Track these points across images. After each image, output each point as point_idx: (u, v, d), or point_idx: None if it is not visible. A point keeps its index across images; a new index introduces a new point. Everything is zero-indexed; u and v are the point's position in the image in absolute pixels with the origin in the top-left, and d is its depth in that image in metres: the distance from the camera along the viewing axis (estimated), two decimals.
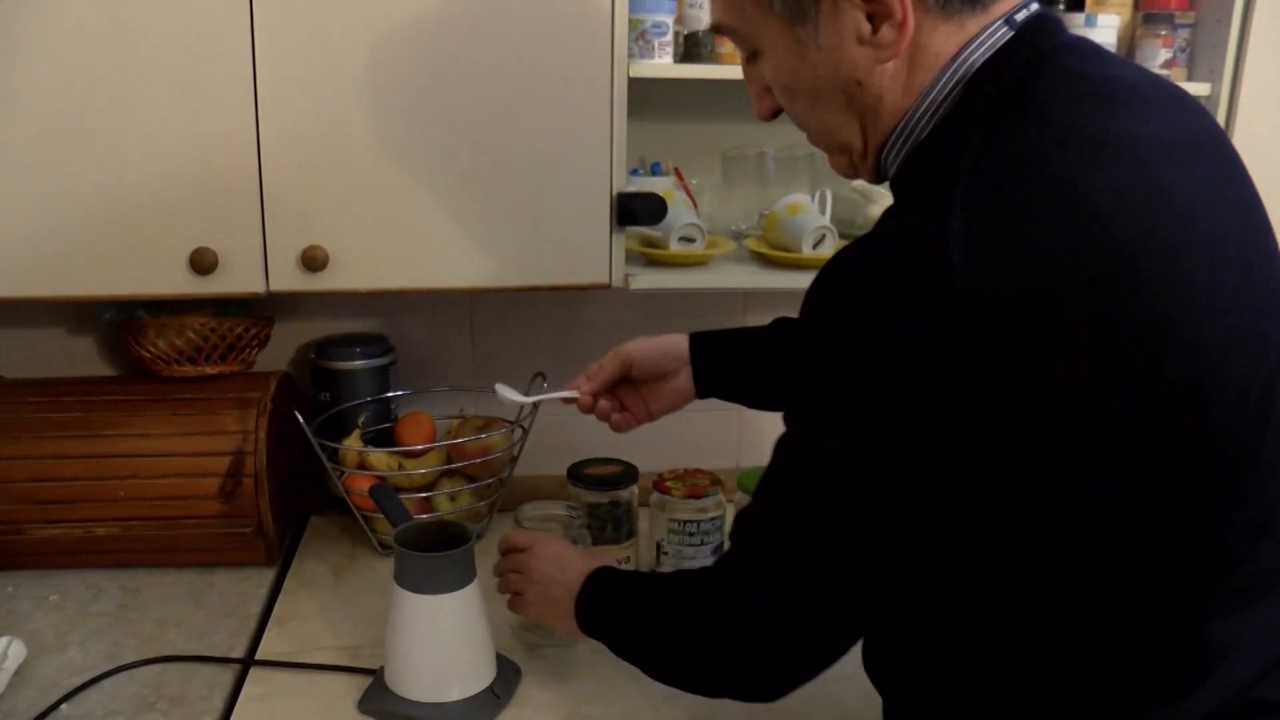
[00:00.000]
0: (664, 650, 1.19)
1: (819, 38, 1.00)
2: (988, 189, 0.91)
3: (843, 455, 0.96)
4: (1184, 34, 1.80)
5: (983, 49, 0.98)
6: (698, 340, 1.52)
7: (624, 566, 1.63)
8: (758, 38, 1.06)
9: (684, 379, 1.52)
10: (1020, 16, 1.00)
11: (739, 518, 1.10)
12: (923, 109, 1.01)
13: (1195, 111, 1.04)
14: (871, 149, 1.07)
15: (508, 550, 1.45)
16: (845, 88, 1.02)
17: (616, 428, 1.54)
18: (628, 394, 1.54)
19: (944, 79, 0.99)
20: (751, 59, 1.10)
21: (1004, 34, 0.99)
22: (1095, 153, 0.91)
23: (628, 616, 1.24)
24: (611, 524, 1.70)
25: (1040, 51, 0.98)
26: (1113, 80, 0.99)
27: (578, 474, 1.75)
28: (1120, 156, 0.92)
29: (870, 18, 0.98)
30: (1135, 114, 0.96)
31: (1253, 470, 0.98)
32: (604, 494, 1.72)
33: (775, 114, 1.13)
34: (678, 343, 1.52)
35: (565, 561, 1.35)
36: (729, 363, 1.52)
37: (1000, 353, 0.88)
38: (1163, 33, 1.79)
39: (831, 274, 0.97)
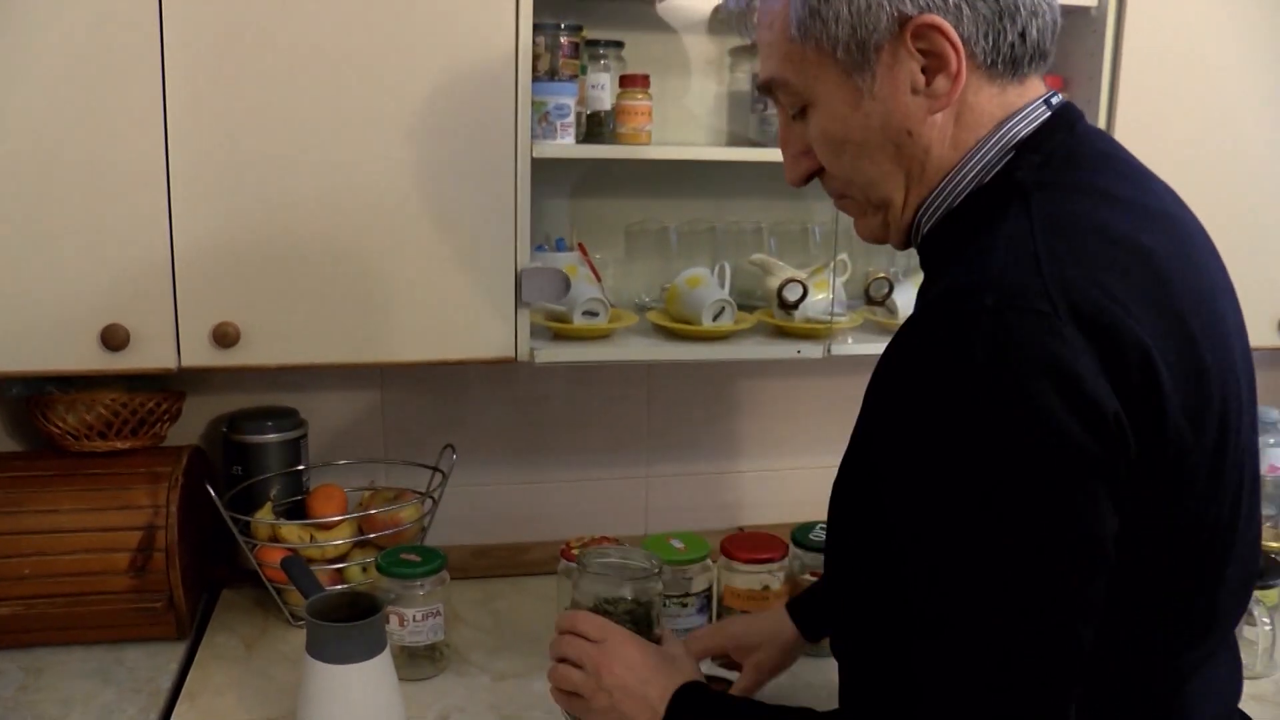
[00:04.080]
0: None
1: (875, 87, 1.04)
2: (1063, 244, 0.95)
3: (1000, 536, 0.90)
4: None
5: (1026, 122, 1.05)
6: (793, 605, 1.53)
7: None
8: (812, 89, 1.07)
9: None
10: (1055, 101, 1.07)
11: (918, 660, 0.96)
12: (967, 168, 1.05)
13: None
14: (910, 205, 1.09)
15: (570, 633, 1.29)
16: (896, 137, 1.05)
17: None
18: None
19: (991, 142, 1.05)
20: (799, 115, 1.11)
21: (1044, 113, 1.06)
22: (1143, 219, 1.00)
23: None
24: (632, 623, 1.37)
25: (1074, 132, 1.06)
26: (1126, 161, 1.08)
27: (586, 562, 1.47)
28: (1159, 222, 1.01)
29: (924, 69, 1.02)
30: (1149, 189, 1.06)
31: (1237, 523, 1.03)
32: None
33: (808, 178, 1.15)
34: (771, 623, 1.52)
35: (645, 673, 1.21)
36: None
37: (1107, 396, 0.90)
38: None
39: (925, 340, 0.95)
